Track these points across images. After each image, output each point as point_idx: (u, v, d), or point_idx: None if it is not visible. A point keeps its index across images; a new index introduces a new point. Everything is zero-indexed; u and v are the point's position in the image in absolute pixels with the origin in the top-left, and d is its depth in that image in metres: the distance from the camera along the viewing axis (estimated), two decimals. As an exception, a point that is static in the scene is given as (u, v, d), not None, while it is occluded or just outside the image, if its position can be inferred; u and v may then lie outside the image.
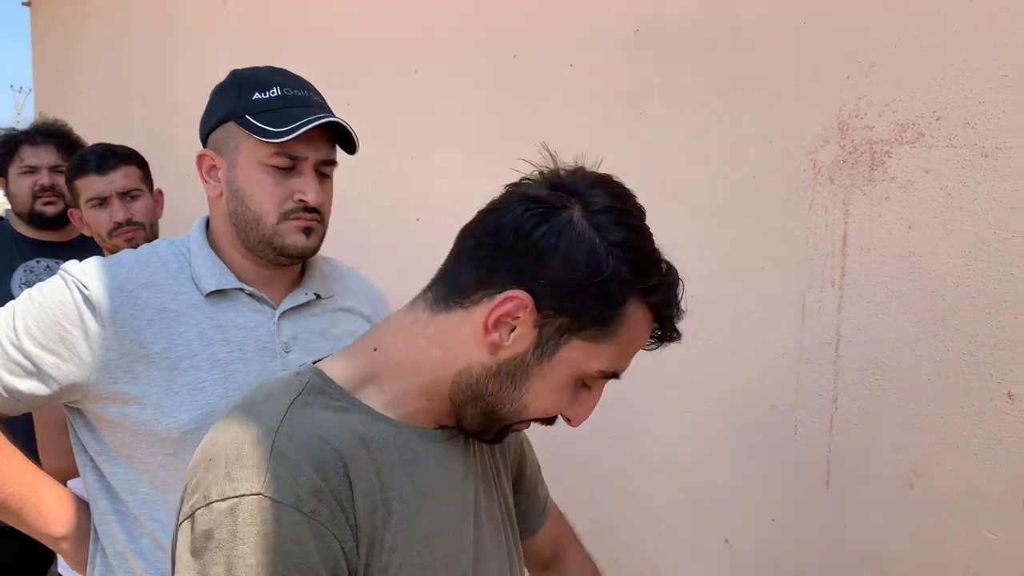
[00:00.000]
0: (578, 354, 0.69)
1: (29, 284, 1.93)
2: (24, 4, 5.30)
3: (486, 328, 0.68)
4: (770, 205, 1.20)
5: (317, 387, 0.70)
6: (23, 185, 1.99)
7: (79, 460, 1.03)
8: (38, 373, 0.93)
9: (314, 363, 0.74)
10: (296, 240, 1.01)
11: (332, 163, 1.06)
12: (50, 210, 1.98)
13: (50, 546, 1.07)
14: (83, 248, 2.06)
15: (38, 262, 1.98)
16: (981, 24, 1.00)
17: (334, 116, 1.01)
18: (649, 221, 0.75)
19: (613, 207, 0.69)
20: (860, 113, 1.10)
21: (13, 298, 1.78)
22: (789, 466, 1.19)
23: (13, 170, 2.00)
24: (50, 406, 1.00)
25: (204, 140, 1.07)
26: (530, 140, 1.64)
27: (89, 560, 1.06)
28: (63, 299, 0.95)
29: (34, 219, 1.99)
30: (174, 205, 3.09)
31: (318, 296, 1.10)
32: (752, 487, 1.25)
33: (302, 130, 0.96)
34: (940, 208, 1.03)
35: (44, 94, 5.11)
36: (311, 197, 1.00)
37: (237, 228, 1.01)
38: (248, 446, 0.64)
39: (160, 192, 1.84)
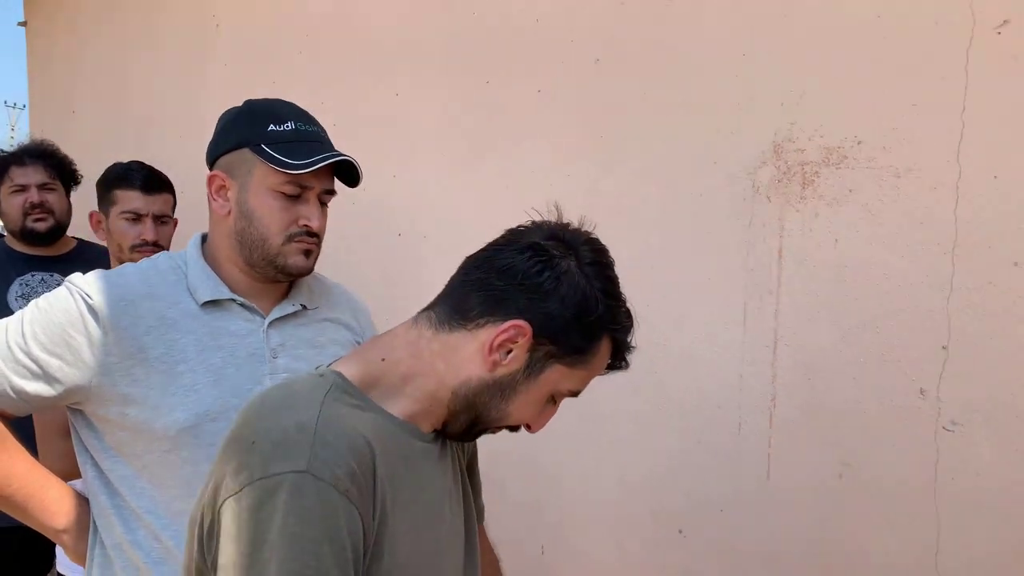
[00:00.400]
0: (557, 376, 0.83)
1: (25, 296, 2.02)
2: (20, 24, 5.39)
3: (490, 349, 0.80)
4: (715, 221, 1.31)
5: (340, 386, 0.80)
6: (14, 204, 2.06)
7: (80, 458, 1.12)
8: (44, 376, 1.02)
9: (327, 366, 0.85)
10: (297, 261, 1.11)
11: (332, 193, 1.16)
12: (40, 226, 2.05)
13: (52, 538, 1.15)
14: (73, 261, 2.13)
15: (32, 275, 2.05)
16: (895, 59, 1.12)
17: (345, 155, 1.11)
18: (607, 234, 0.88)
19: (598, 261, 0.83)
20: (792, 137, 1.22)
21: (11, 310, 1.87)
22: (734, 460, 1.30)
23: (3, 190, 2.08)
24: (54, 407, 1.08)
25: (213, 161, 1.15)
26: (502, 160, 1.75)
27: (88, 552, 1.14)
28: (68, 308, 1.04)
29: (26, 235, 2.06)
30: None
31: (304, 307, 1.20)
32: (702, 481, 1.35)
33: (318, 166, 1.06)
34: (862, 223, 1.15)
35: (39, 114, 5.17)
36: (315, 224, 1.10)
37: (242, 245, 1.10)
38: (293, 431, 0.73)
39: (176, 221, 1.94)
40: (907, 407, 1.09)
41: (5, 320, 1.05)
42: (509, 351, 0.81)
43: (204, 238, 1.17)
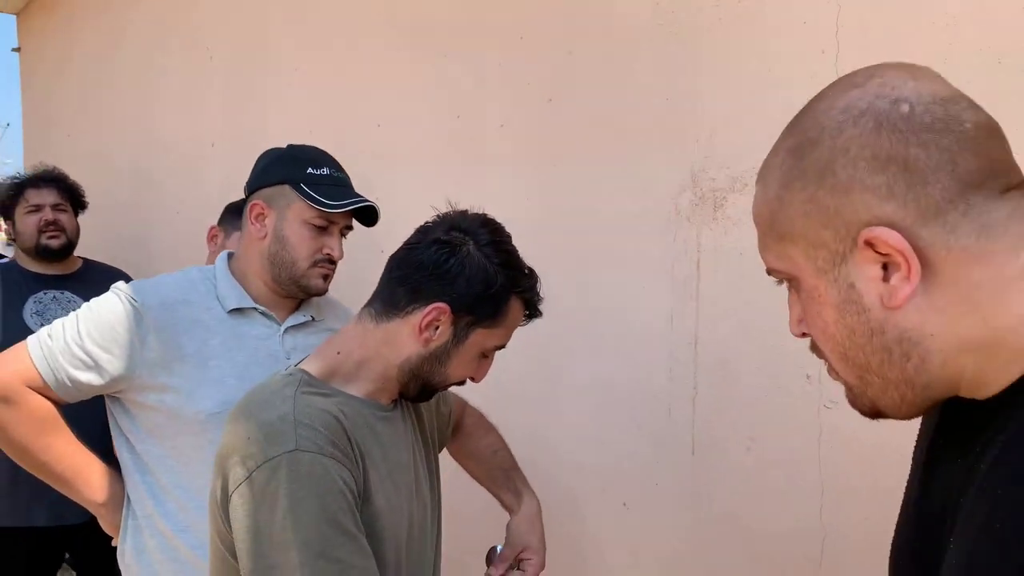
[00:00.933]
0: (480, 338, 1.04)
1: (39, 313, 2.21)
2: (14, 50, 5.55)
3: (420, 329, 1.01)
4: (646, 238, 1.54)
5: (306, 381, 1.00)
6: (29, 223, 2.25)
7: (116, 441, 1.33)
8: (96, 367, 1.23)
9: (295, 365, 1.07)
10: (318, 283, 1.34)
11: (351, 228, 1.40)
12: (54, 243, 2.25)
13: (92, 511, 1.36)
14: (81, 279, 2.32)
15: (45, 293, 2.22)
16: (782, 104, 1.36)
17: (370, 201, 1.34)
18: (559, 248, 1.11)
19: (494, 240, 1.04)
20: (706, 168, 1.45)
21: (27, 325, 2.07)
22: (666, 440, 1.53)
23: (19, 210, 2.27)
24: (101, 393, 1.28)
25: (252, 191, 1.36)
26: (470, 182, 2.00)
27: (122, 523, 1.36)
28: (118, 309, 1.25)
29: (40, 252, 2.24)
30: (167, 240, 3.39)
31: (313, 318, 1.42)
32: (641, 458, 1.58)
33: (349, 208, 1.30)
34: (761, 240, 1.39)
35: (33, 137, 5.31)
36: (336, 253, 1.34)
37: (272, 264, 1.32)
38: (277, 423, 0.92)
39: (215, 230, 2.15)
40: (797, 390, 1.33)
41: (61, 321, 1.26)
42: (436, 328, 1.01)
43: (229, 256, 1.40)
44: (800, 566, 1.34)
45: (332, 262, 1.34)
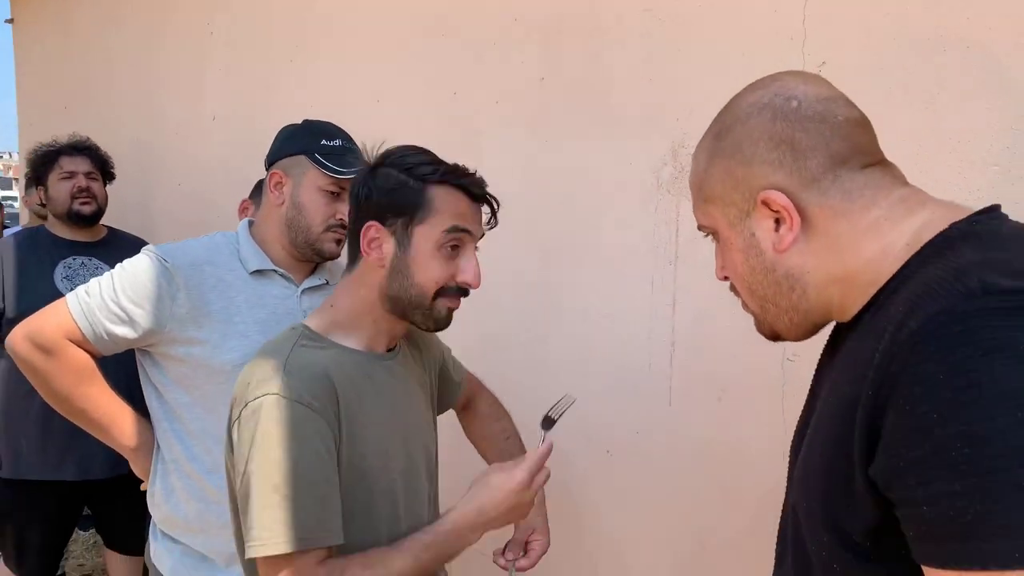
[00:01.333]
0: (423, 234, 1.07)
1: (69, 278, 2.31)
2: (7, 21, 5.54)
3: (366, 253, 1.08)
4: (629, 208, 1.68)
5: (306, 335, 1.10)
6: (63, 189, 2.36)
7: (146, 392, 1.46)
8: (130, 321, 1.35)
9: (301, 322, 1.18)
10: (331, 247, 1.45)
11: None
12: (86, 209, 2.36)
13: (125, 455, 1.49)
14: (107, 246, 2.43)
15: (74, 259, 2.33)
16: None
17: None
18: (549, 217, 1.21)
19: (398, 155, 1.11)
20: (685, 144, 1.58)
21: (56, 290, 2.19)
22: (646, 392, 1.68)
23: (53, 177, 2.38)
24: (132, 347, 1.40)
25: (272, 162, 1.47)
26: (466, 158, 2.11)
27: (152, 467, 1.49)
28: (150, 269, 1.36)
29: (72, 217, 2.34)
30: (169, 211, 3.48)
31: (327, 282, 1.55)
32: (623, 409, 1.73)
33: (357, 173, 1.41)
34: (734, 210, 1.52)
35: (28, 108, 5.34)
36: (347, 218, 1.45)
37: (290, 229, 1.43)
38: (271, 371, 1.03)
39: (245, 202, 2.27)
40: (763, 345, 1.47)
41: (97, 279, 1.38)
42: (379, 245, 1.08)
43: (250, 223, 1.51)
44: (763, 498, 1.49)
45: (344, 227, 1.46)
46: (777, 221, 0.76)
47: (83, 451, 2.14)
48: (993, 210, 0.72)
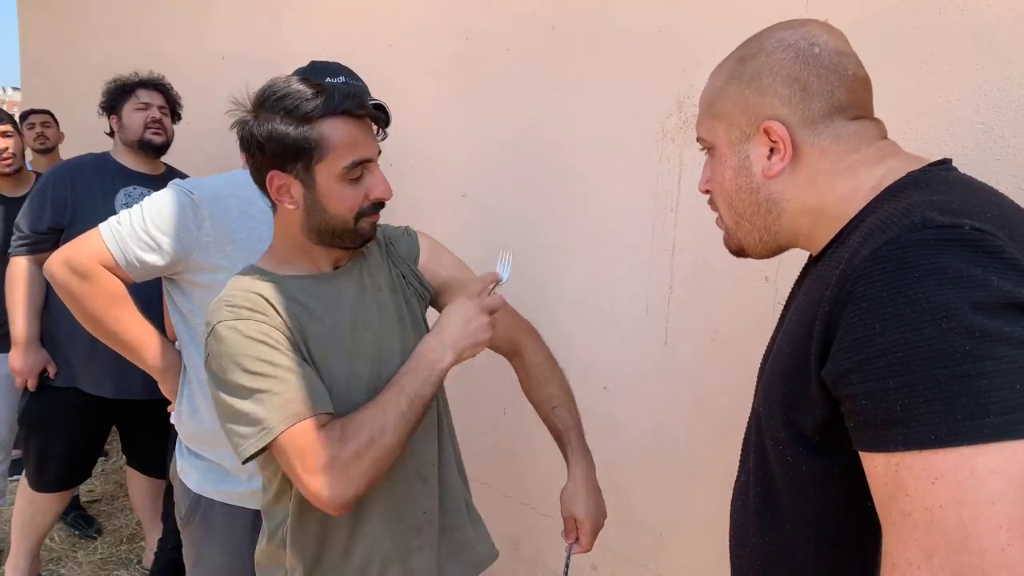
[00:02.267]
0: (324, 172, 1.11)
1: (127, 206, 2.40)
2: (7, -47, 5.44)
3: (279, 201, 1.14)
4: (634, 156, 1.75)
5: (249, 270, 1.19)
6: (137, 118, 2.47)
7: (173, 318, 1.55)
8: (158, 249, 1.43)
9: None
10: None
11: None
12: (157, 139, 2.48)
13: (154, 376, 1.59)
14: (165, 181, 2.52)
15: (135, 188, 2.46)
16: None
17: (377, 100, 1.49)
18: (556, 164, 1.28)
19: (276, 95, 1.11)
20: (691, 95, 1.64)
21: (116, 213, 2.29)
22: (644, 333, 1.77)
23: (128, 107, 2.48)
24: (161, 274, 1.48)
25: None
26: (477, 103, 2.16)
27: (179, 388, 1.59)
28: (177, 200, 1.44)
29: (142, 145, 2.47)
30: (177, 149, 3.52)
31: None
32: (622, 348, 1.83)
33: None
34: (734, 160, 1.59)
35: (32, 43, 5.30)
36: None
37: None
38: (214, 304, 1.12)
39: None
40: (756, 289, 1.57)
41: (127, 210, 1.46)
42: (287, 191, 1.12)
43: None
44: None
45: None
46: (771, 150, 0.85)
47: (124, 372, 2.25)
48: (945, 162, 0.82)
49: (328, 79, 1.49)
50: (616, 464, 1.88)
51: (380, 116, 1.19)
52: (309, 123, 1.09)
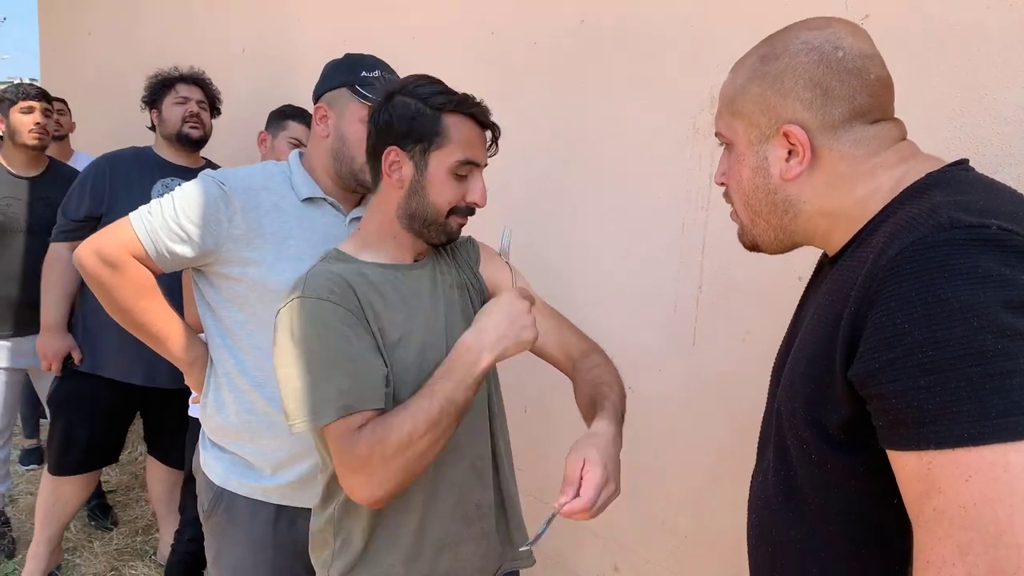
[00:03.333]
0: (439, 160, 1.18)
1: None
2: (28, -56, 5.46)
3: (387, 175, 1.20)
4: (666, 153, 1.72)
5: (332, 256, 1.24)
6: (176, 112, 2.52)
7: (201, 310, 1.53)
8: (189, 241, 1.41)
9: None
10: None
11: None
12: (194, 133, 2.52)
13: (180, 367, 1.57)
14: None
15: (172, 180, 2.48)
16: (797, 37, 1.52)
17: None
18: (587, 159, 1.25)
19: (415, 84, 1.22)
20: (724, 92, 1.62)
21: None
22: (671, 332, 1.75)
23: (168, 100, 2.53)
24: (190, 266, 1.46)
25: (318, 96, 1.52)
26: (502, 98, 2.15)
27: (205, 380, 1.58)
28: (208, 192, 1.42)
29: (180, 139, 2.51)
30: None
31: None
32: (649, 347, 1.80)
33: None
34: (768, 158, 1.57)
35: (51, 36, 5.32)
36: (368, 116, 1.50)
37: (335, 161, 1.48)
38: (296, 282, 1.18)
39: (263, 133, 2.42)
40: (789, 289, 1.53)
41: (158, 200, 1.44)
42: (399, 167, 1.19)
43: (300, 154, 1.57)
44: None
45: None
46: (790, 152, 0.85)
47: (154, 360, 2.28)
48: (962, 162, 0.82)
49: (364, 73, 1.48)
50: (640, 465, 1.86)
51: (496, 131, 1.25)
52: (439, 112, 1.18)
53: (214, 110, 2.67)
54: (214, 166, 2.62)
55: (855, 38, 0.85)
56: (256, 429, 1.50)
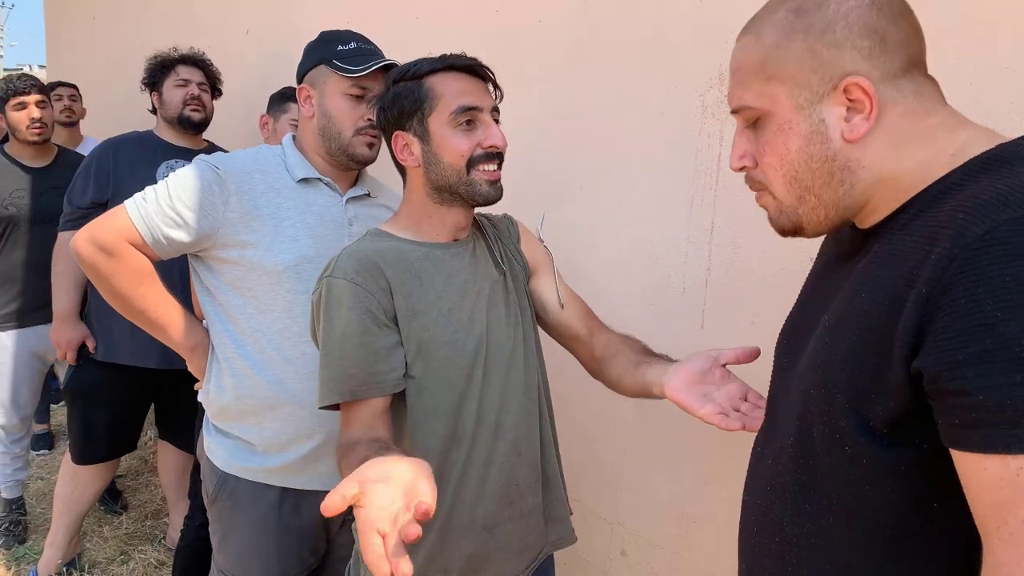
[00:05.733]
0: (435, 120, 1.20)
1: None
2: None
3: (404, 161, 1.24)
4: (672, 131, 1.68)
5: (372, 233, 1.26)
6: (176, 94, 2.49)
7: (201, 297, 1.52)
8: (185, 226, 1.40)
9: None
10: (364, 151, 1.49)
11: None
12: (196, 116, 2.50)
13: (182, 354, 1.56)
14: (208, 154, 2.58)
15: (177, 162, 2.45)
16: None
17: (389, 59, 1.47)
18: (592, 140, 1.23)
19: (399, 71, 1.24)
20: (733, 68, 1.58)
21: None
22: (679, 315, 1.72)
23: (168, 83, 2.50)
24: (188, 251, 1.45)
25: (300, 78, 1.51)
26: (508, 77, 2.12)
27: (207, 366, 1.57)
28: (203, 176, 1.41)
29: (182, 121, 2.48)
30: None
31: (369, 194, 1.59)
32: (656, 332, 1.76)
33: (370, 68, 1.43)
34: (778, 136, 1.53)
35: (56, 20, 5.30)
36: (376, 119, 1.48)
37: (323, 139, 1.48)
38: (330, 261, 1.20)
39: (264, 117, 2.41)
40: (800, 271, 1.50)
41: (153, 187, 1.43)
42: (408, 148, 1.22)
43: (294, 137, 1.55)
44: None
45: (375, 127, 1.48)
46: (848, 110, 0.76)
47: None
48: None
49: (339, 47, 1.46)
50: (648, 450, 1.84)
51: (491, 75, 1.24)
52: (419, 80, 1.20)
53: (215, 91, 2.63)
54: (217, 148, 2.59)
55: None
56: (258, 412, 1.49)
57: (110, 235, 1.39)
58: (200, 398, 1.62)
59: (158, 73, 2.53)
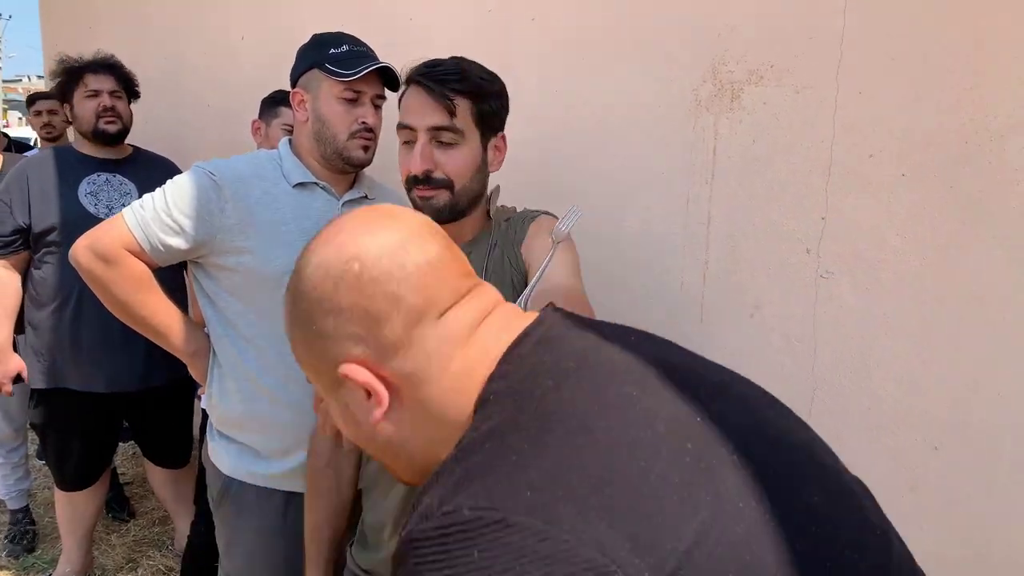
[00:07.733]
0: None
1: (93, 194, 2.35)
2: (26, -61, 5.42)
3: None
4: (668, 125, 1.68)
5: None
6: (88, 107, 2.32)
7: (201, 303, 1.52)
8: (182, 232, 1.40)
9: None
10: (359, 154, 1.49)
11: (382, 98, 1.52)
12: (111, 128, 2.34)
13: (184, 360, 1.56)
14: (132, 163, 2.44)
15: (98, 176, 2.34)
16: (798, 4, 1.47)
17: (383, 62, 1.47)
18: (590, 139, 1.22)
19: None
20: (725, 61, 1.58)
21: (81, 205, 2.25)
22: (677, 309, 1.72)
23: (78, 95, 2.34)
24: (186, 258, 1.45)
25: (294, 83, 1.51)
26: (502, 75, 2.11)
27: (208, 370, 1.57)
28: (199, 183, 1.41)
29: (97, 136, 2.33)
30: (200, 130, 3.50)
31: (366, 196, 1.59)
32: (655, 327, 1.76)
33: (363, 72, 1.43)
34: (772, 128, 1.53)
35: (53, 30, 5.30)
36: (370, 120, 1.48)
37: (318, 143, 1.48)
38: None
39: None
40: (797, 263, 1.51)
41: (150, 194, 1.43)
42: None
43: (290, 141, 1.55)
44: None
45: (370, 130, 1.48)
46: (368, 393, 0.70)
47: (113, 364, 2.22)
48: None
49: (332, 50, 1.46)
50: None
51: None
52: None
53: (131, 95, 2.47)
54: (145, 152, 2.50)
55: (372, 235, 0.70)
56: (262, 417, 1.49)
57: (108, 243, 1.40)
58: (203, 404, 1.62)
59: (67, 85, 2.35)
